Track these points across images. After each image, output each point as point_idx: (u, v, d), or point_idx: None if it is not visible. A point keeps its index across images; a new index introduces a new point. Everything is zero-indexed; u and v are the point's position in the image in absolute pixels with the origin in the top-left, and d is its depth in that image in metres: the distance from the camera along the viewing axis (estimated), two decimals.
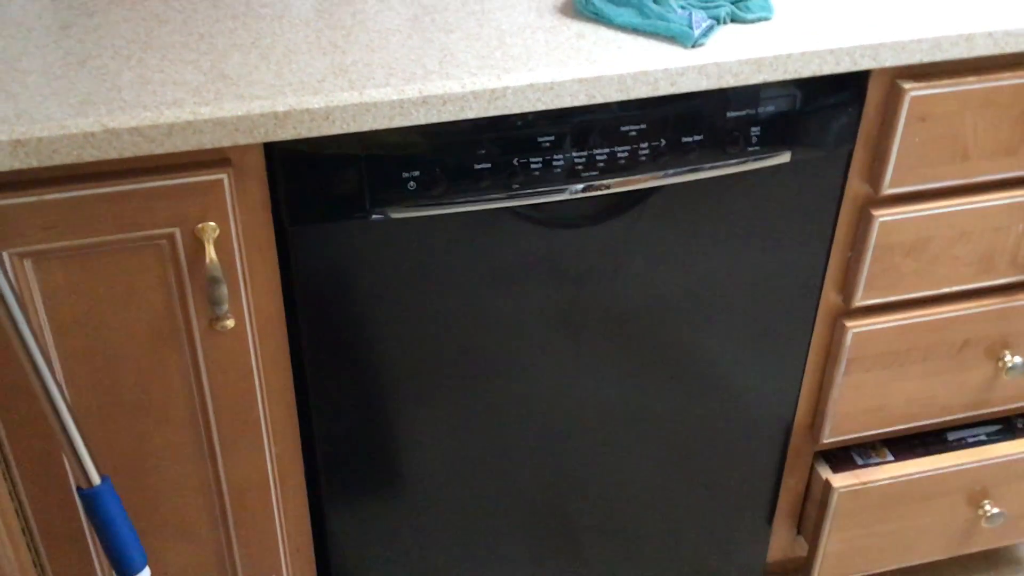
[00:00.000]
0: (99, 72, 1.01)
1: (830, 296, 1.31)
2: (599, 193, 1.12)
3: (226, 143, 0.97)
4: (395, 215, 1.07)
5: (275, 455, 1.19)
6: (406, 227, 1.10)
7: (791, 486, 1.48)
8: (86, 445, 0.98)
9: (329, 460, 1.23)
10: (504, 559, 1.40)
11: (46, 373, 0.94)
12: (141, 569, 1.05)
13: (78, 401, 1.08)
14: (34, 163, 0.93)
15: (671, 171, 1.13)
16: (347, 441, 1.23)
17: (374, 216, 1.07)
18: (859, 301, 1.29)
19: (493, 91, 1.01)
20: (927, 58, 1.12)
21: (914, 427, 1.44)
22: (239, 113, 0.96)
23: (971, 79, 1.16)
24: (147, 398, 1.10)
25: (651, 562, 1.48)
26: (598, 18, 1.12)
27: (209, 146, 0.96)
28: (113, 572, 1.20)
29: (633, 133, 1.10)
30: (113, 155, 0.94)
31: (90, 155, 0.94)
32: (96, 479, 1.00)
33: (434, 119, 1.01)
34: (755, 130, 1.13)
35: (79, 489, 1.00)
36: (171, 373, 1.09)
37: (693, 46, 1.07)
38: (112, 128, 0.93)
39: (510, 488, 1.34)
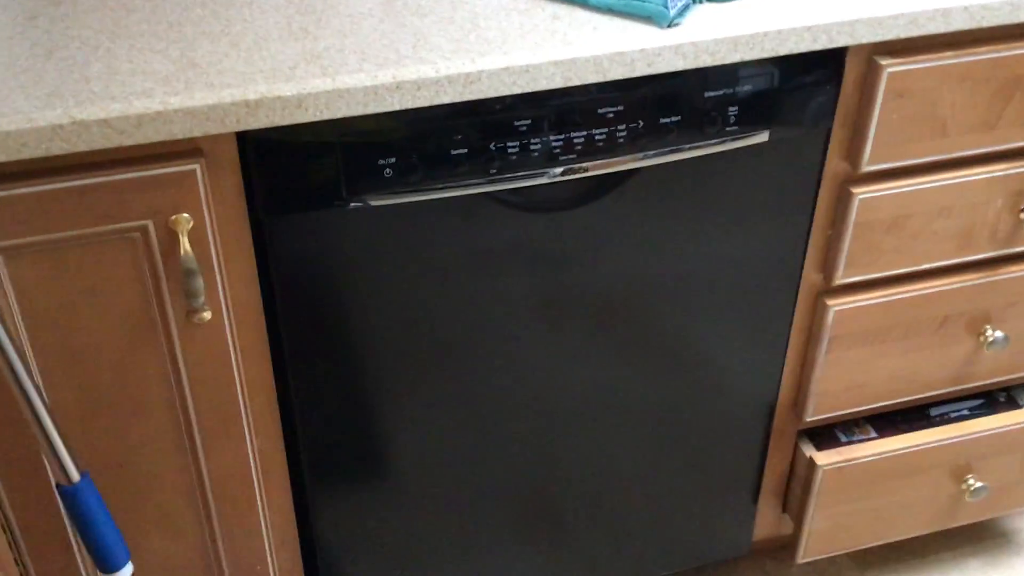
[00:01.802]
0: (67, 63, 1.00)
1: (811, 275, 1.30)
2: (578, 176, 1.12)
3: (197, 133, 0.95)
4: (372, 203, 1.06)
5: (257, 447, 1.18)
6: (384, 215, 1.09)
7: (775, 464, 1.48)
8: (64, 442, 0.97)
9: (312, 451, 1.23)
10: (490, 545, 1.40)
11: (21, 370, 0.93)
12: (123, 565, 1.04)
13: (55, 397, 1.07)
14: (2, 158, 0.91)
15: (649, 153, 1.12)
16: (330, 432, 1.22)
17: (351, 204, 1.06)
18: (840, 279, 1.29)
19: (468, 75, 1.00)
20: (904, 33, 1.11)
21: (897, 403, 1.45)
22: (210, 102, 0.95)
23: (948, 54, 1.16)
24: (125, 393, 1.09)
25: (638, 544, 1.48)
26: None
27: (180, 136, 0.95)
28: (96, 568, 1.19)
29: (610, 115, 1.09)
30: (82, 147, 0.93)
31: (59, 148, 0.92)
32: (75, 476, 0.99)
33: (409, 104, 1.00)
34: (733, 110, 1.12)
35: (59, 486, 0.99)
36: (149, 367, 1.08)
37: (669, 26, 1.06)
38: (81, 120, 0.92)
39: (494, 475, 1.33)
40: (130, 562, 1.04)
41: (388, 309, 1.15)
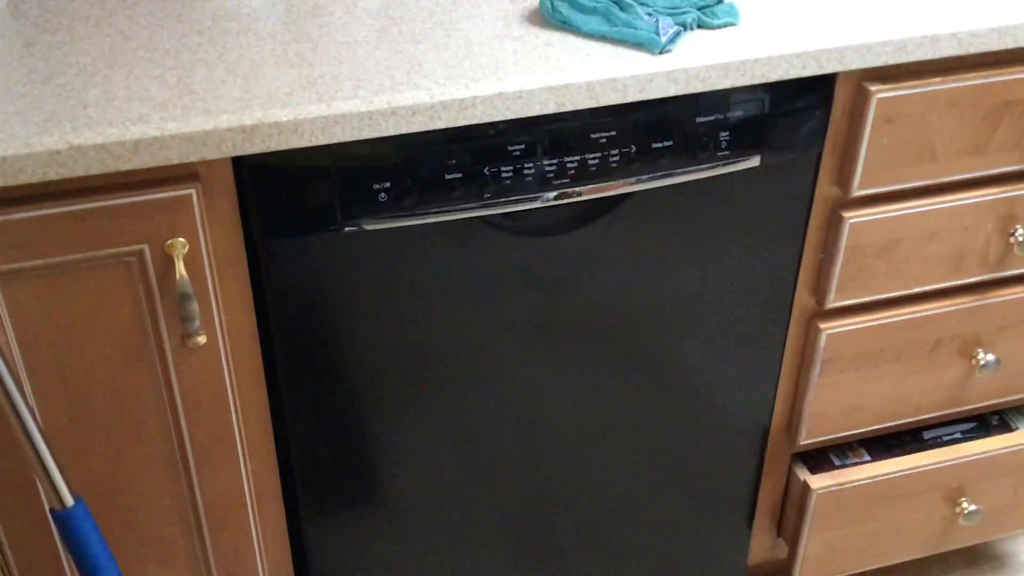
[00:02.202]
0: (64, 89, 1.01)
1: (803, 298, 1.31)
2: (571, 201, 1.13)
3: (194, 158, 0.96)
4: (367, 227, 1.07)
5: (251, 471, 1.18)
6: (378, 239, 1.09)
7: (770, 488, 1.48)
8: (58, 466, 0.97)
9: (306, 475, 1.23)
10: (484, 569, 1.40)
11: (16, 393, 0.93)
12: None
13: (49, 421, 1.07)
14: None
15: (642, 177, 1.13)
16: (324, 455, 1.22)
17: (346, 228, 1.06)
18: (832, 303, 1.30)
19: (462, 101, 1.01)
20: (892, 60, 1.13)
21: (890, 426, 1.45)
22: (206, 128, 0.95)
23: (936, 80, 1.17)
24: (120, 416, 1.09)
25: (632, 568, 1.48)
26: (566, 26, 1.12)
27: (176, 161, 0.96)
28: None
29: (603, 140, 1.10)
30: (79, 172, 0.94)
31: (56, 173, 0.93)
32: (69, 500, 0.99)
33: (403, 130, 1.01)
34: (724, 135, 1.13)
35: (52, 511, 0.99)
36: (144, 391, 1.08)
37: (661, 52, 1.07)
38: (78, 145, 0.93)
39: (489, 498, 1.33)
40: None
41: (382, 333, 1.16)
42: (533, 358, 1.24)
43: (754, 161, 1.16)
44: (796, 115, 1.15)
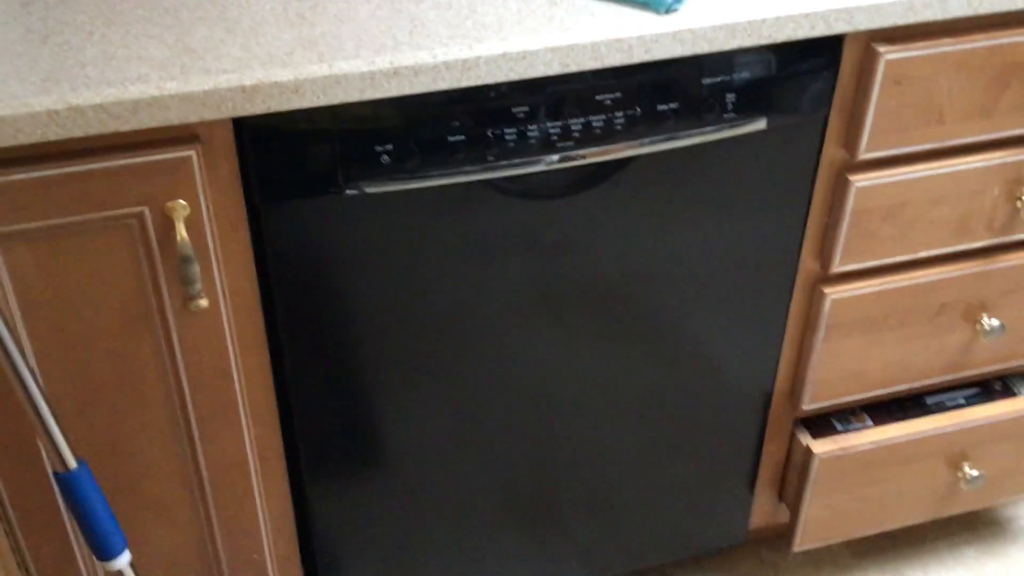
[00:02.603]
0: (62, 49, 0.99)
1: (808, 263, 1.30)
2: (575, 164, 1.11)
3: (193, 119, 0.95)
4: (369, 190, 1.06)
5: (254, 435, 1.18)
6: (381, 202, 1.08)
7: (772, 453, 1.48)
8: (61, 429, 0.97)
9: (309, 439, 1.23)
10: (485, 533, 1.40)
11: (18, 357, 0.92)
12: (120, 553, 1.04)
13: (51, 385, 1.07)
14: None
15: (647, 140, 1.12)
16: (327, 420, 1.22)
17: (347, 191, 1.05)
18: (837, 267, 1.29)
19: (465, 61, 1.00)
20: (901, 20, 1.11)
21: (893, 392, 1.45)
22: (206, 87, 0.94)
23: (946, 41, 1.15)
24: (121, 380, 1.09)
25: (634, 533, 1.49)
26: None
27: (176, 122, 0.95)
28: (92, 556, 1.19)
29: (608, 102, 1.09)
30: (78, 133, 0.92)
31: (55, 134, 0.92)
32: (72, 463, 0.99)
33: (406, 91, 1.00)
34: (731, 97, 1.12)
35: (55, 474, 0.99)
36: (145, 354, 1.08)
37: (667, 12, 1.06)
38: (76, 105, 0.91)
39: (491, 463, 1.33)
40: (127, 550, 1.04)
41: (385, 296, 1.15)
42: (535, 322, 1.23)
43: (760, 124, 1.15)
44: (803, 77, 1.14)
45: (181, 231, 1.00)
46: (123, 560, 1.05)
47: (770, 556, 1.66)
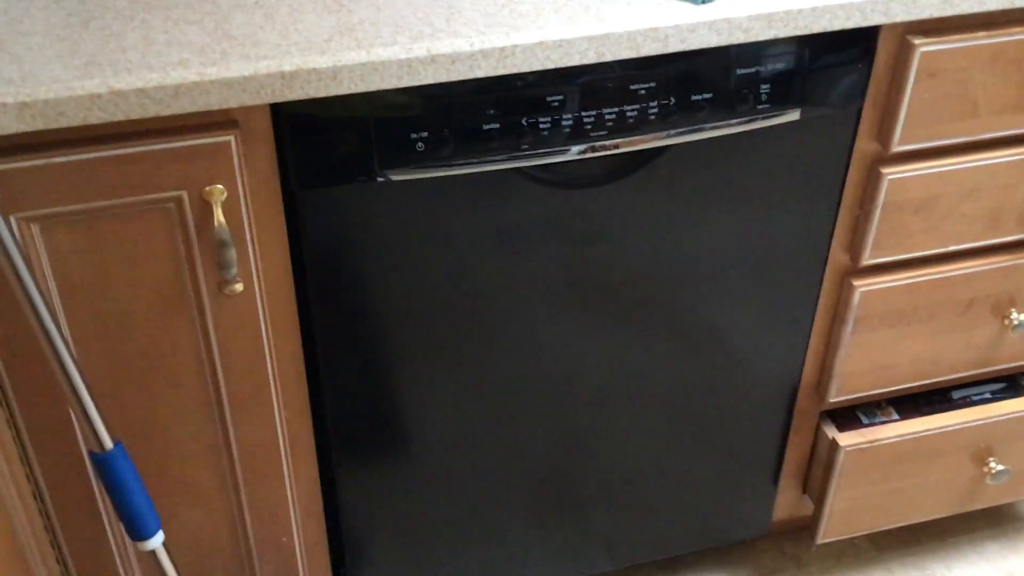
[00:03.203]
0: (103, 33, 1.00)
1: (837, 255, 1.30)
2: (608, 153, 1.12)
3: (233, 104, 0.96)
4: (403, 177, 1.07)
5: (285, 418, 1.19)
6: (415, 189, 1.09)
7: (797, 445, 1.48)
8: (98, 410, 0.98)
9: (339, 423, 1.23)
10: (511, 522, 1.41)
11: (56, 338, 0.94)
12: (155, 532, 1.05)
13: (88, 366, 1.08)
14: (40, 126, 0.92)
15: (680, 130, 1.12)
16: (357, 404, 1.23)
17: (382, 178, 1.06)
18: (867, 260, 1.29)
19: (502, 49, 1.00)
20: (937, 12, 1.11)
21: (920, 386, 1.45)
22: (246, 73, 0.95)
23: (981, 34, 1.15)
24: (157, 362, 1.10)
25: (658, 524, 1.49)
26: None
27: (216, 107, 0.95)
28: (125, 536, 1.20)
29: (642, 92, 1.09)
30: (120, 117, 0.93)
31: (97, 117, 0.93)
32: (109, 444, 1.00)
33: (443, 78, 1.00)
34: (765, 88, 1.12)
35: (92, 454, 1.00)
36: (180, 337, 1.09)
37: (703, 2, 1.06)
38: (118, 90, 0.92)
39: (517, 452, 1.34)
40: (161, 530, 1.05)
41: (415, 283, 1.16)
42: (564, 312, 1.24)
43: (794, 115, 1.15)
44: (838, 68, 1.14)
45: (219, 215, 1.01)
46: (156, 540, 1.06)
47: (792, 549, 1.66)
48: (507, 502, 1.39)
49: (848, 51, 1.13)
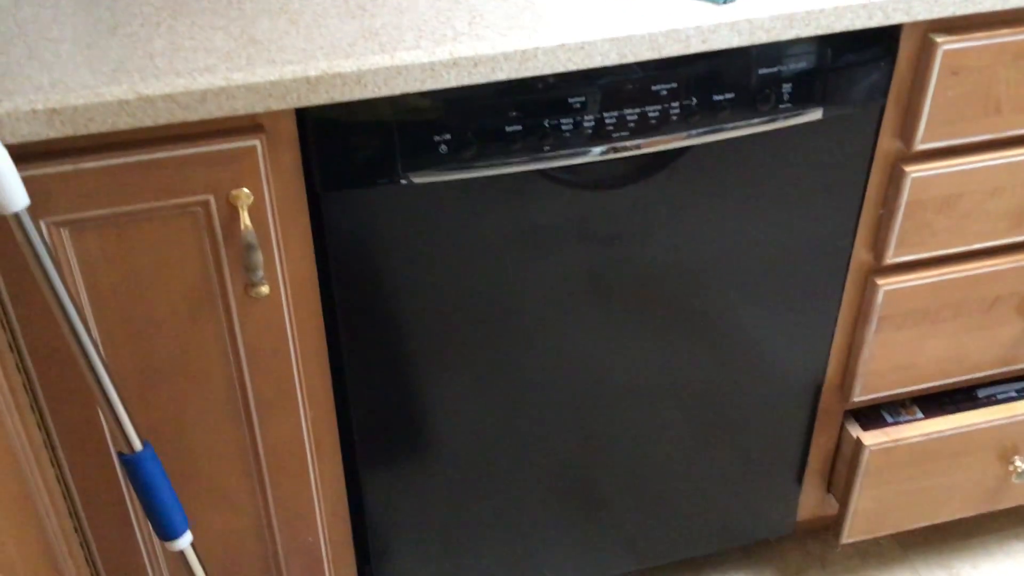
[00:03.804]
0: (130, 39, 1.01)
1: (861, 254, 1.30)
2: (630, 154, 1.12)
3: (259, 109, 0.97)
4: (427, 179, 1.07)
5: (310, 419, 1.20)
6: (438, 191, 1.10)
7: (821, 445, 1.48)
8: (127, 411, 0.99)
9: (363, 424, 1.24)
10: (534, 520, 1.41)
11: (86, 340, 0.95)
12: (183, 532, 1.06)
13: (116, 368, 1.09)
14: (69, 132, 0.93)
15: (702, 130, 1.12)
16: (381, 405, 1.24)
17: (405, 181, 1.07)
18: (890, 259, 1.29)
19: (524, 52, 1.01)
20: (960, 11, 1.11)
21: (944, 384, 1.44)
22: (272, 78, 0.96)
23: (1004, 31, 1.15)
24: (184, 364, 1.11)
25: (681, 523, 1.49)
26: None
27: (242, 112, 0.96)
28: (153, 536, 1.21)
29: (664, 92, 1.09)
30: (148, 122, 0.94)
31: (125, 123, 0.94)
32: (138, 445, 1.01)
33: (465, 81, 1.01)
34: (787, 87, 1.12)
35: (121, 455, 1.02)
36: (208, 339, 1.10)
37: (724, 2, 1.06)
38: (146, 95, 0.93)
39: (540, 451, 1.34)
40: (189, 530, 1.07)
41: (439, 284, 1.16)
42: (587, 312, 1.24)
43: (816, 114, 1.15)
44: (860, 67, 1.14)
45: (245, 219, 1.02)
46: (185, 540, 1.07)
47: (817, 548, 1.66)
48: (530, 501, 1.39)
49: (870, 50, 1.13)
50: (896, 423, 1.45)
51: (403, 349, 1.20)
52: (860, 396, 1.41)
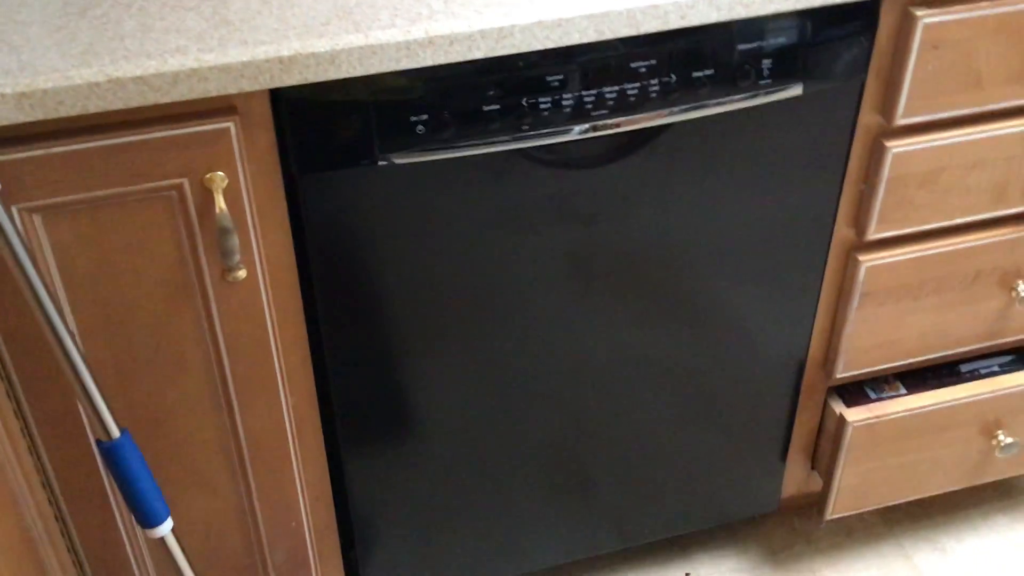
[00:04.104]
0: (100, 21, 1.00)
1: (843, 230, 1.30)
2: (609, 132, 1.11)
3: (232, 90, 0.95)
4: (404, 160, 1.06)
5: (291, 404, 1.20)
6: (416, 172, 1.09)
7: (804, 422, 1.48)
8: (104, 398, 0.98)
9: (345, 408, 1.24)
10: (519, 501, 1.41)
11: (61, 327, 0.94)
12: (163, 520, 1.05)
13: (93, 355, 1.08)
14: (39, 115, 0.92)
15: (682, 107, 1.12)
16: (362, 388, 1.23)
17: (383, 162, 1.06)
18: (872, 234, 1.29)
19: (500, 29, 1.00)
20: None
21: (927, 360, 1.45)
22: (244, 59, 0.94)
23: (984, 5, 1.14)
24: (162, 350, 1.10)
25: (666, 501, 1.49)
26: None
27: (215, 93, 0.95)
28: (134, 524, 1.21)
29: (643, 69, 1.08)
30: (119, 105, 0.93)
31: (96, 106, 0.93)
32: (115, 432, 1.00)
33: (441, 60, 1.00)
34: (766, 63, 1.11)
35: (99, 442, 1.01)
36: (185, 325, 1.09)
37: None
38: (117, 78, 0.92)
39: (523, 431, 1.34)
40: (170, 517, 1.06)
41: (419, 266, 1.15)
42: (568, 291, 1.23)
43: (796, 90, 1.14)
44: (840, 42, 1.13)
45: (220, 202, 1.01)
46: (166, 528, 1.06)
47: (802, 525, 1.67)
48: (515, 483, 1.39)
49: (850, 24, 1.13)
50: (879, 399, 1.45)
51: (384, 331, 1.19)
52: (843, 373, 1.41)
